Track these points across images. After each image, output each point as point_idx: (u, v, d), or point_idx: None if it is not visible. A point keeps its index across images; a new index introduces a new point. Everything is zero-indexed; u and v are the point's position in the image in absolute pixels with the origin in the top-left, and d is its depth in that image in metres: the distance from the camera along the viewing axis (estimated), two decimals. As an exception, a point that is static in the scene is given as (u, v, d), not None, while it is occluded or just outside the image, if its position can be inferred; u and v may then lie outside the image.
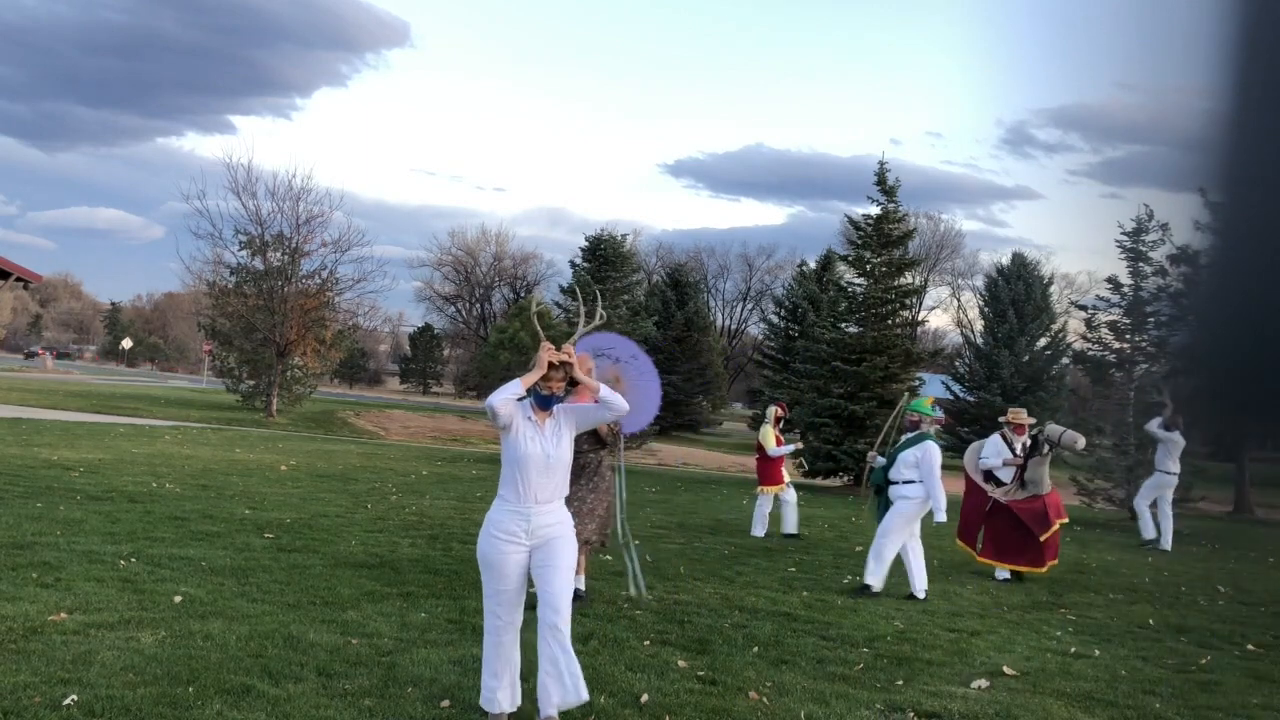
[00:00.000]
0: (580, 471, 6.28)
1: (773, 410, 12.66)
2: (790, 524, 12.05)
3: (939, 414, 8.92)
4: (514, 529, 4.43)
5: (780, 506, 12.19)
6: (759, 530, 12.09)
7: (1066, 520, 10.05)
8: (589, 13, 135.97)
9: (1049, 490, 10.17)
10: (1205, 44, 0.98)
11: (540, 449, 4.47)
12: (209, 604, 6.10)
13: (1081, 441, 10.50)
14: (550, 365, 4.49)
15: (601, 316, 5.96)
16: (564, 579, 4.42)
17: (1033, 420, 10.54)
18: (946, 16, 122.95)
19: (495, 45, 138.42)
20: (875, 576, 8.31)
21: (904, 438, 8.75)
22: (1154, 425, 14.15)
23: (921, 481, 8.35)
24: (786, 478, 12.37)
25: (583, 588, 6.96)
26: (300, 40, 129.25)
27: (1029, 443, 10.27)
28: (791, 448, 12.66)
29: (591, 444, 6.65)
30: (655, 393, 7.68)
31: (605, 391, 4.60)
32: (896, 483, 8.49)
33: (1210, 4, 0.99)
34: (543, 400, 4.54)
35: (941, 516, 8.32)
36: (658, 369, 8.39)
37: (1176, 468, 14.04)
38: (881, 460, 8.82)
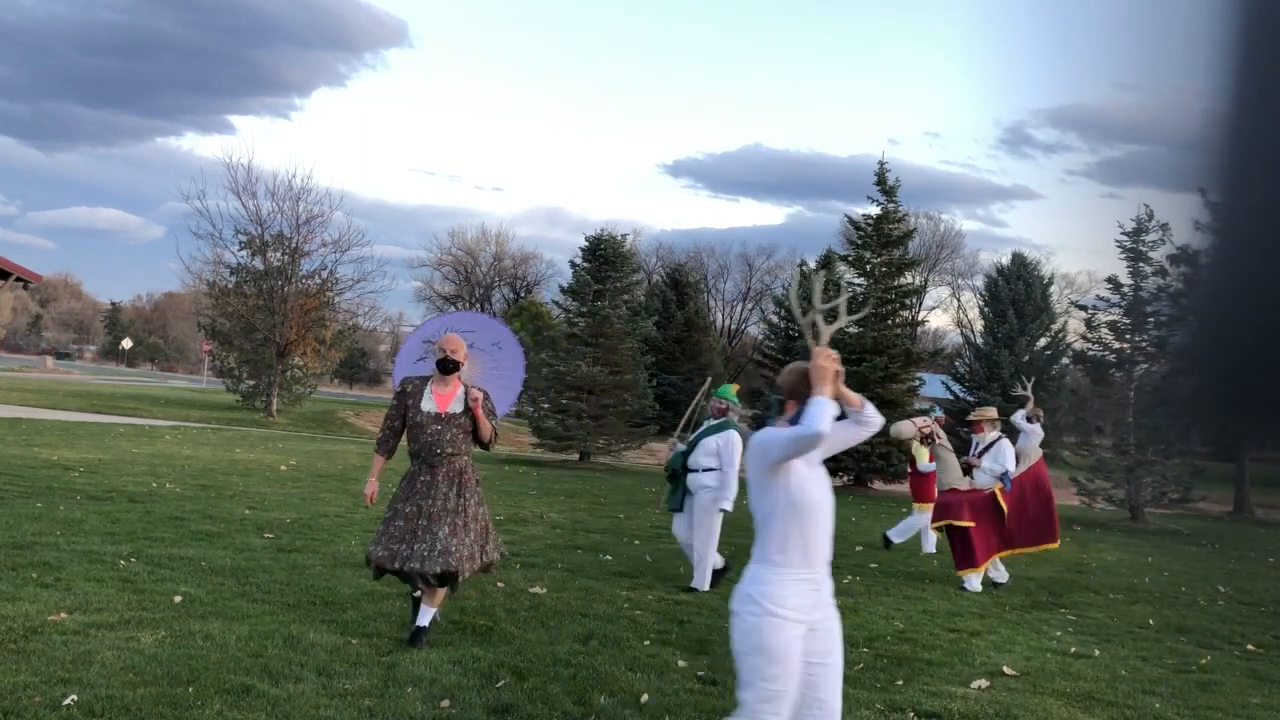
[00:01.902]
0: (458, 479, 5.64)
1: (920, 422, 12.34)
2: (900, 535, 11.73)
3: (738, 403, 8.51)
4: (806, 603, 3.31)
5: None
6: (929, 546, 11.66)
7: (968, 523, 9.35)
8: (587, 12, 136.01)
9: (965, 487, 9.61)
10: (1205, 44, 0.98)
11: (823, 491, 3.43)
12: (209, 604, 6.10)
13: (900, 431, 9.99)
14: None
15: (842, 312, 4.17)
16: (840, 677, 3.42)
17: (992, 416, 9.90)
18: (945, 17, 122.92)
19: (493, 45, 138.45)
20: (700, 578, 8.04)
21: (707, 424, 8.30)
22: None
23: (720, 470, 7.97)
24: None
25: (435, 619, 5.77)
26: (299, 40, 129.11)
27: (983, 441, 9.71)
28: (933, 466, 11.99)
29: (468, 446, 5.77)
30: (518, 385, 6.83)
31: (869, 408, 3.51)
32: (695, 470, 8.08)
33: (1210, 4, 0.99)
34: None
35: (728, 505, 7.94)
36: (658, 369, 8.18)
37: None
38: (682, 447, 8.35)
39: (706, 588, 7.98)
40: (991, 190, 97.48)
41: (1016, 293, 38.79)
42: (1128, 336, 20.10)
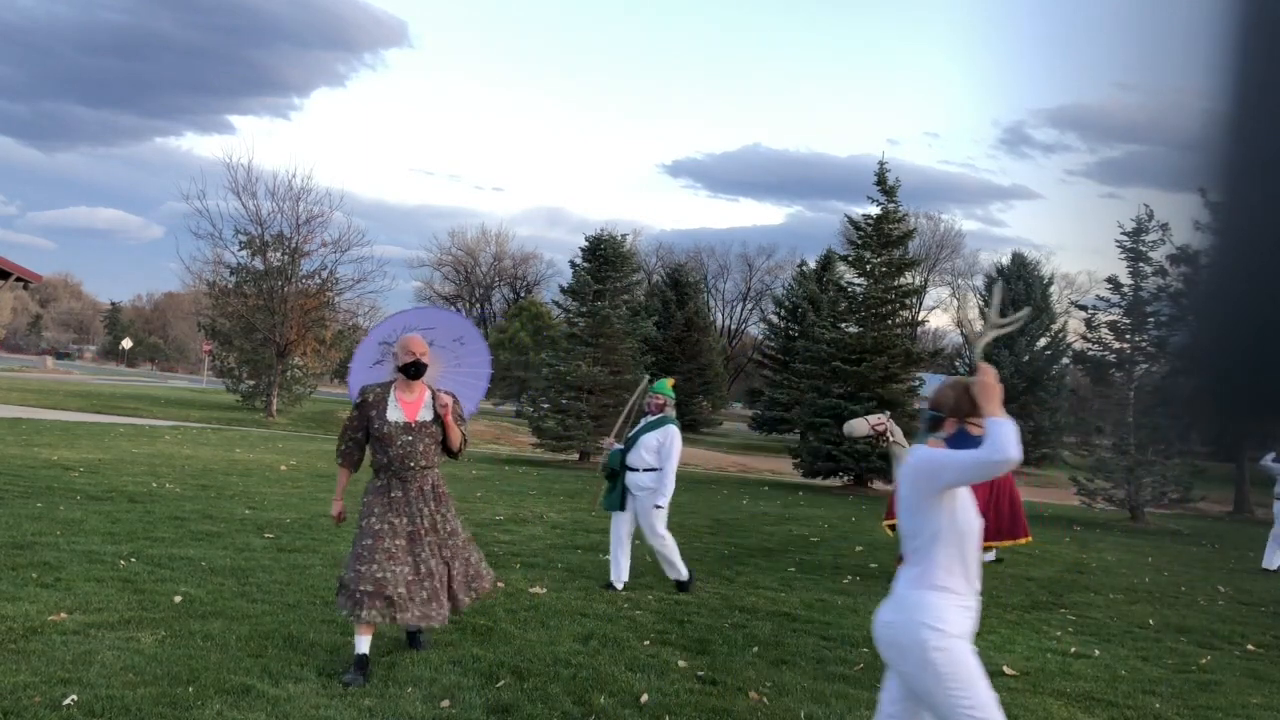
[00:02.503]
0: (434, 493, 5.23)
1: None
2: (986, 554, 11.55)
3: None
4: (968, 629, 3.24)
5: None
6: (987, 555, 11.43)
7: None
8: (587, 12, 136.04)
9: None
10: (1205, 44, 0.98)
11: (975, 512, 3.32)
12: (209, 604, 6.10)
13: (853, 428, 9.89)
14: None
15: (1012, 319, 3.97)
16: None
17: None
18: (944, 17, 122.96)
19: (493, 45, 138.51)
20: (677, 571, 7.89)
21: (645, 420, 8.03)
22: (1269, 460, 13.73)
23: (659, 469, 7.75)
24: None
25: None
26: (298, 40, 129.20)
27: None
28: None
29: (439, 456, 5.35)
30: (483, 384, 6.34)
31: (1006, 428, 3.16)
32: (635, 469, 7.82)
33: (1210, 4, 0.99)
34: (968, 441, 3.32)
35: (663, 501, 7.72)
36: (658, 369, 8.03)
37: None
38: (619, 446, 8.07)
39: (686, 574, 7.88)
40: (991, 190, 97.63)
41: (1016, 293, 38.84)
42: (1128, 336, 20.09)
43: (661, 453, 7.75)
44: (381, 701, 4.55)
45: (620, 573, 7.84)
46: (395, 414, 5.15)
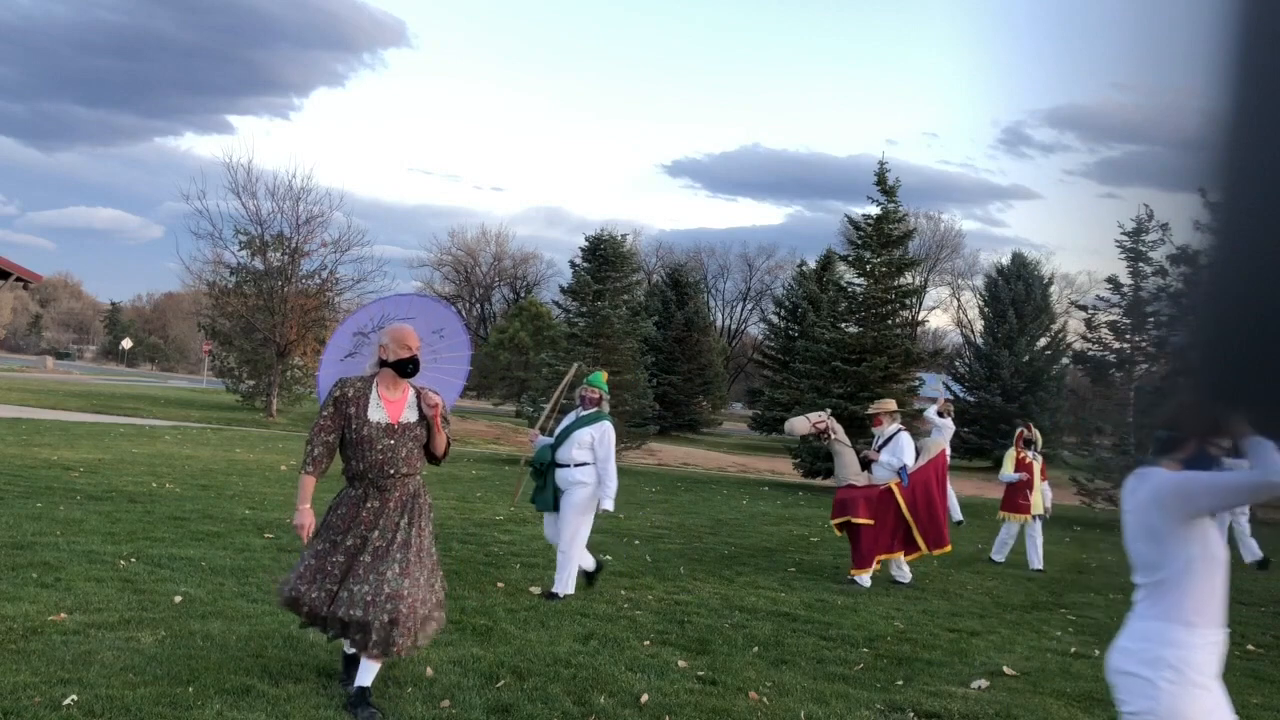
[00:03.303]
0: (412, 503, 4.61)
1: (1018, 430, 11.71)
2: (1032, 559, 11.10)
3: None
4: (1217, 668, 3.05)
5: (1023, 538, 11.32)
6: (998, 556, 11.33)
7: (864, 520, 8.79)
8: (586, 12, 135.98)
9: (862, 482, 9.15)
10: (1204, 44, 0.98)
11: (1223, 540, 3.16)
12: (209, 604, 6.10)
13: (794, 427, 9.44)
14: None
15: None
16: None
17: (890, 409, 9.45)
18: (942, 17, 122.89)
19: (492, 44, 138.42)
20: (564, 585, 7.33)
21: (577, 415, 7.55)
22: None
23: (595, 465, 7.35)
24: (1037, 508, 11.16)
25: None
26: (297, 40, 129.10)
27: (882, 435, 9.33)
28: (1016, 477, 11.45)
29: (422, 462, 4.76)
30: (461, 381, 5.83)
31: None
32: (567, 465, 7.34)
33: (1210, 4, 0.99)
34: (1208, 462, 3.11)
35: (609, 504, 7.33)
36: (658, 369, 7.79)
37: None
38: (546, 440, 7.57)
39: (571, 589, 7.33)
40: (990, 190, 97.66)
41: (1016, 293, 38.84)
42: (1128, 336, 20.09)
43: (598, 450, 7.33)
44: (381, 701, 4.55)
45: (564, 578, 7.36)
46: (378, 414, 4.54)
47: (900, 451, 9.09)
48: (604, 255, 24.61)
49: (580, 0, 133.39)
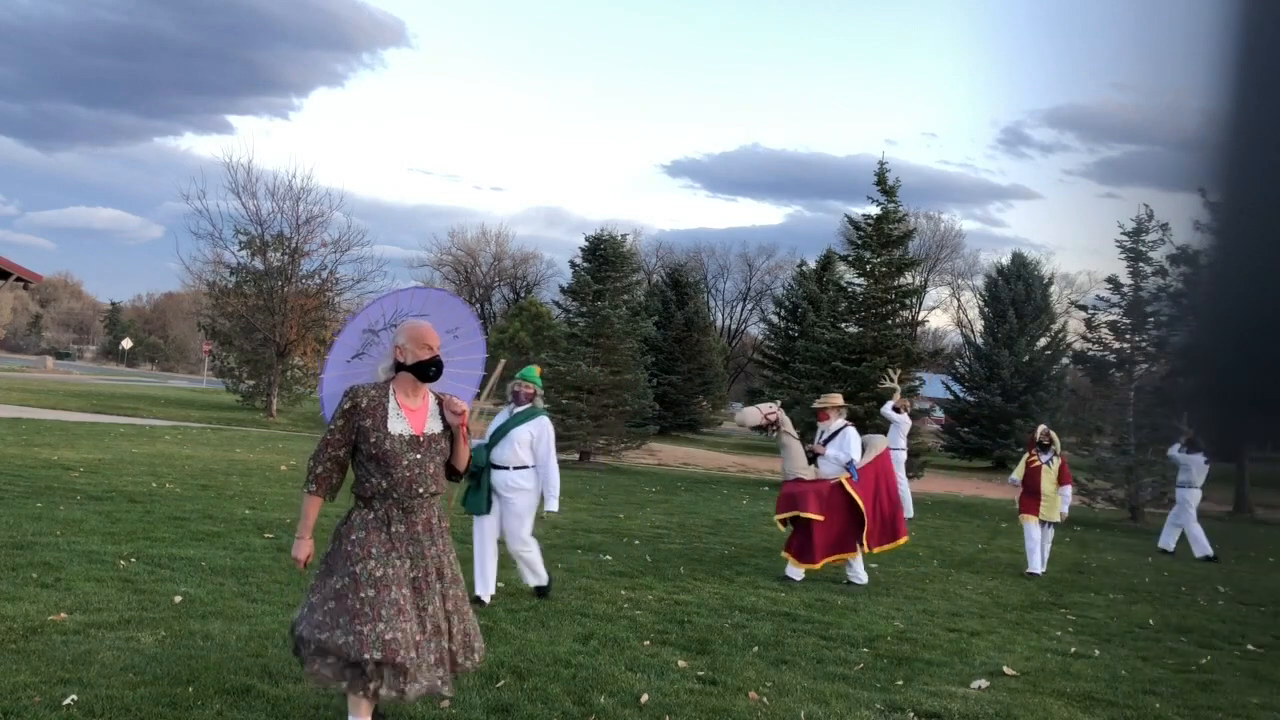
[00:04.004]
0: (437, 527, 4.10)
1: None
2: (1031, 562, 10.57)
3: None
4: None
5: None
6: (1033, 567, 10.59)
7: (815, 516, 8.62)
8: (586, 12, 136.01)
9: (810, 476, 8.93)
10: (1204, 44, 0.98)
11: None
12: (209, 604, 6.10)
13: (745, 418, 9.30)
14: None
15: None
16: None
17: (837, 403, 9.26)
18: (942, 17, 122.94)
19: (491, 44, 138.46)
20: (539, 577, 7.21)
21: (511, 412, 7.13)
22: (1174, 450, 14.76)
23: (536, 466, 7.00)
24: (1045, 511, 10.57)
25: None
26: (296, 40, 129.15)
27: (829, 429, 9.14)
28: (1013, 478, 11.13)
29: (444, 479, 4.24)
30: (475, 385, 5.34)
31: None
32: (505, 467, 6.93)
33: (1209, 4, 0.99)
34: None
35: (554, 505, 7.04)
36: (658, 369, 7.48)
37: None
38: (479, 441, 6.99)
39: (547, 579, 7.22)
40: (989, 190, 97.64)
41: (1016, 293, 38.84)
42: (1128, 336, 20.10)
43: (538, 449, 6.99)
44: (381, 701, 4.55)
45: (488, 585, 6.94)
46: (399, 425, 4.00)
47: (846, 446, 8.93)
48: (604, 255, 24.61)
49: (580, 1, 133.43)
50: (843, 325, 24.30)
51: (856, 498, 8.84)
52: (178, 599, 6.13)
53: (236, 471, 14.18)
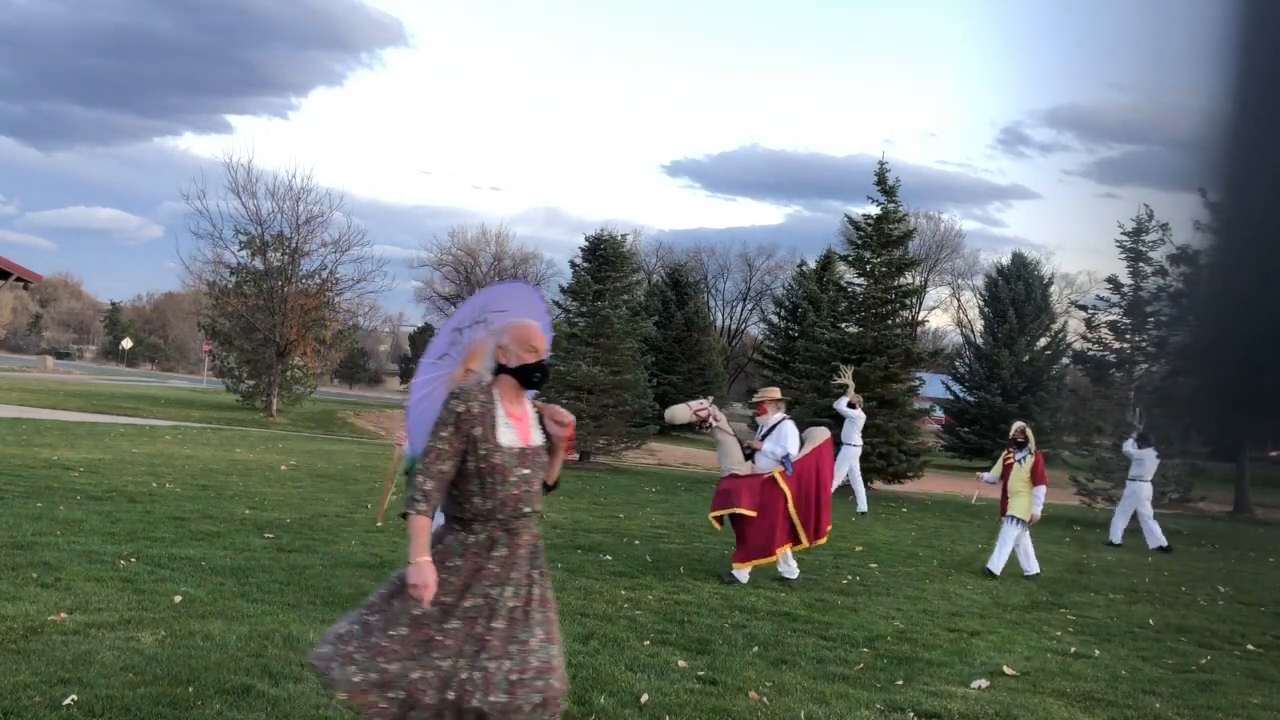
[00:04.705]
0: (536, 548, 3.68)
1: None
2: (993, 559, 10.35)
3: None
4: None
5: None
6: (1026, 568, 10.46)
7: (748, 511, 8.45)
8: (585, 11, 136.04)
9: (745, 472, 8.80)
10: (1204, 44, 0.98)
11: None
12: (209, 604, 6.10)
13: (674, 414, 9.05)
14: None
15: None
16: None
17: (775, 397, 9.13)
18: (942, 17, 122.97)
19: (490, 43, 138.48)
20: None
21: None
22: (1129, 445, 15.43)
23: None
24: (1013, 508, 10.29)
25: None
26: (294, 40, 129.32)
27: (766, 424, 9.00)
28: (989, 476, 11.00)
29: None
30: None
31: None
32: None
33: (1209, 4, 0.99)
34: None
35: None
36: (658, 369, 7.23)
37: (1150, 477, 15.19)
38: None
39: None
40: (989, 190, 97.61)
41: (1016, 293, 38.84)
42: (1128, 336, 20.10)
43: None
44: (381, 701, 4.55)
45: None
46: (508, 436, 3.58)
47: (783, 440, 8.80)
48: (604, 255, 24.61)
49: (579, 0, 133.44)
50: (843, 325, 24.29)
51: (786, 490, 8.67)
52: (178, 599, 6.13)
53: (236, 471, 14.18)
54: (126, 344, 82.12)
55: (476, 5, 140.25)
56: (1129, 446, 15.30)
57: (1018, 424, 11.06)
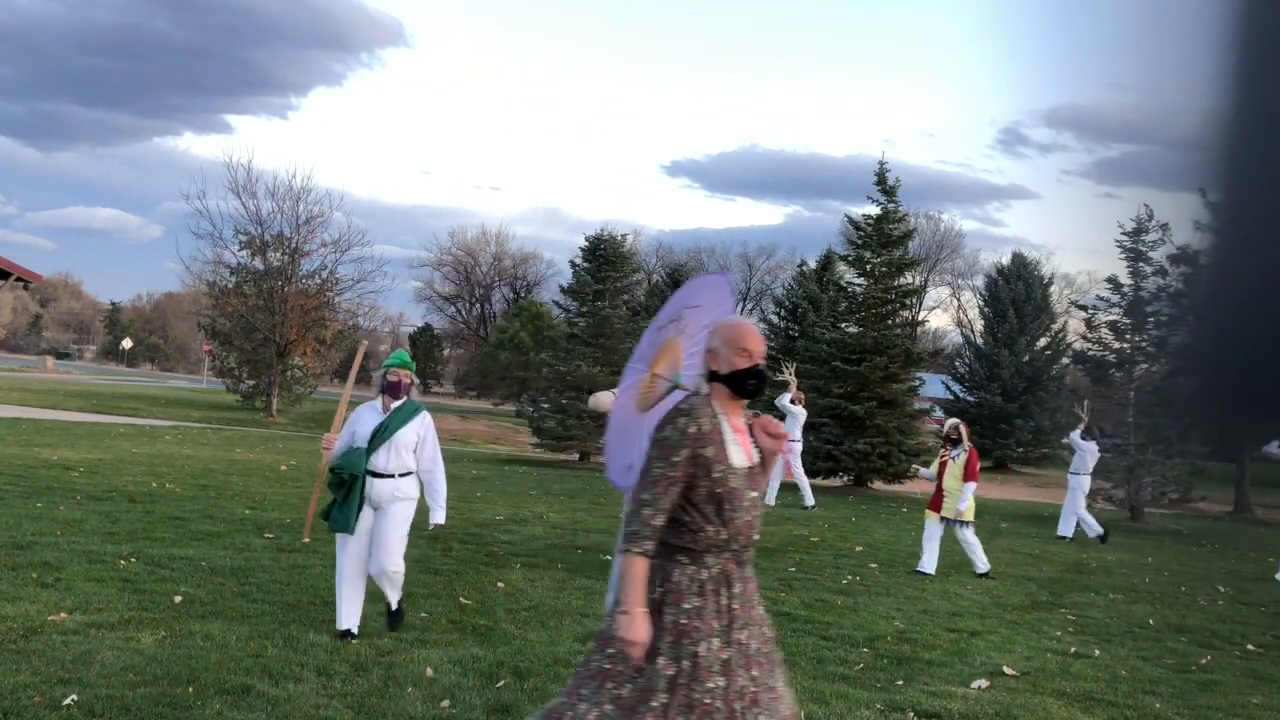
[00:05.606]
0: (755, 579, 3.20)
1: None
2: (923, 560, 10.02)
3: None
4: None
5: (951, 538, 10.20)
6: (978, 566, 10.17)
7: None
8: (584, 11, 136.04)
9: None
10: (1203, 44, 0.98)
11: None
12: (209, 604, 6.10)
13: (599, 402, 9.13)
14: None
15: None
16: None
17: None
18: (942, 17, 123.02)
19: (490, 43, 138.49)
20: (398, 599, 5.98)
21: (392, 409, 5.84)
22: (1074, 436, 15.77)
23: (418, 472, 5.88)
24: (948, 509, 9.96)
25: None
26: (295, 40, 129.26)
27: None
28: (927, 472, 10.79)
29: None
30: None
31: None
32: (389, 475, 5.71)
33: (1209, 4, 0.99)
34: None
35: (441, 517, 5.92)
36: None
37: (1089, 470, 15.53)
38: (358, 445, 5.76)
39: (399, 605, 6.02)
40: (988, 190, 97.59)
41: (1016, 293, 38.83)
42: (1128, 336, 20.10)
43: (423, 452, 5.86)
44: (382, 701, 4.55)
45: (356, 613, 5.73)
46: (738, 455, 3.07)
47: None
48: (604, 255, 24.61)
49: (578, 0, 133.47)
50: (843, 325, 24.30)
51: None
52: (178, 599, 6.13)
53: (236, 471, 14.18)
54: (126, 344, 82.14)
55: (476, 5, 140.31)
56: (1074, 438, 15.50)
57: (952, 420, 10.84)
